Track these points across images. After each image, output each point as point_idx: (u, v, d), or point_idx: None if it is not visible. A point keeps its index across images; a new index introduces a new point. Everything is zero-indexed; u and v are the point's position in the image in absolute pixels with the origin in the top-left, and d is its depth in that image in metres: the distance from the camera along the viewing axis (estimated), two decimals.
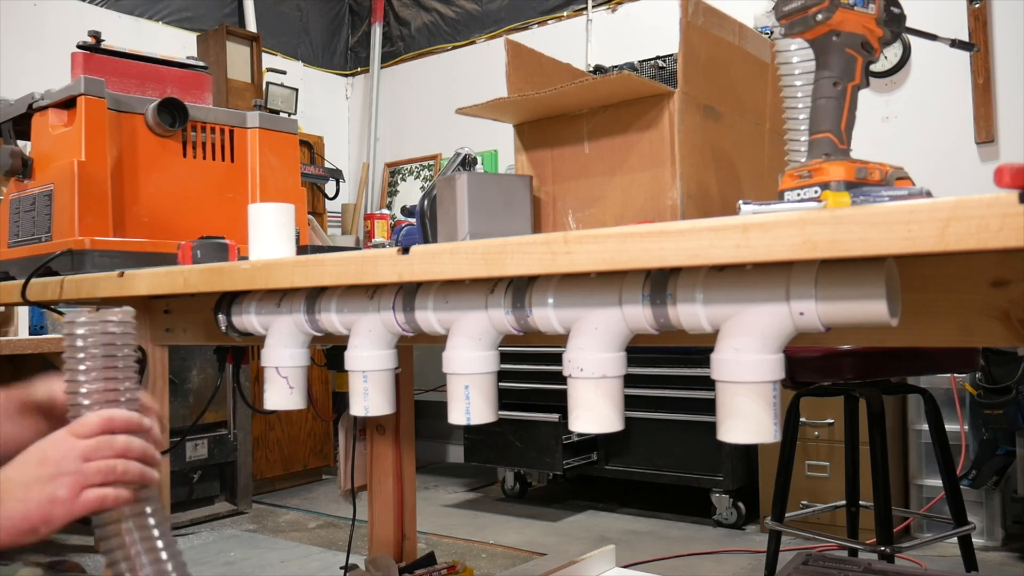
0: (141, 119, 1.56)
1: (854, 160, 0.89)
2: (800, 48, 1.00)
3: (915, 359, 1.94)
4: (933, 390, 2.49)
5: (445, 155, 4.92)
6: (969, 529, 1.98)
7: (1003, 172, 0.57)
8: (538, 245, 0.80)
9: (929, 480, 2.91)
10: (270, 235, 1.26)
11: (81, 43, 1.58)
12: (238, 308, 1.23)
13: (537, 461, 3.42)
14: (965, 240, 0.57)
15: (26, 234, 1.56)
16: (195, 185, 1.62)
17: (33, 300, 1.41)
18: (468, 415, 0.98)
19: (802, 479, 2.98)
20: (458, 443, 4.54)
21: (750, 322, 0.77)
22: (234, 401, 3.57)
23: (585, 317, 0.88)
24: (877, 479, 1.88)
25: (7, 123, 1.62)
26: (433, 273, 0.88)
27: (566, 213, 1.34)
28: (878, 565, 1.57)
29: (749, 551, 2.87)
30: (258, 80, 4.08)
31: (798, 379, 1.98)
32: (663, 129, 1.23)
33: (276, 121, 1.74)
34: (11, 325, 2.78)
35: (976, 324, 0.78)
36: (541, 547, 3.01)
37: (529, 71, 1.38)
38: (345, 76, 5.45)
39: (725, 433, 0.79)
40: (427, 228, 1.42)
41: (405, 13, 5.16)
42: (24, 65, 3.78)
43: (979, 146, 3.29)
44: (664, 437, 3.30)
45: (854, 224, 0.62)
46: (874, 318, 0.71)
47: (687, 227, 0.71)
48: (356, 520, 2.09)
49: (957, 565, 2.31)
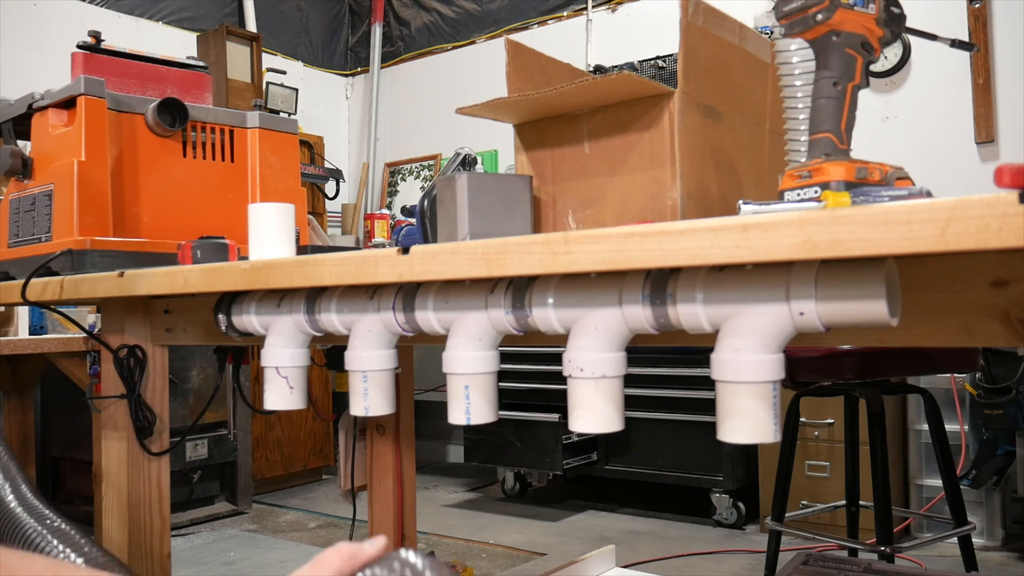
0: (141, 119, 1.56)
1: (854, 160, 0.89)
2: (800, 48, 1.00)
3: (915, 359, 1.94)
4: (933, 390, 2.49)
5: (445, 155, 4.92)
6: (969, 529, 1.98)
7: (1003, 172, 0.57)
8: (538, 245, 0.80)
9: (929, 480, 2.91)
10: (270, 235, 1.26)
11: (81, 43, 1.58)
12: (238, 308, 1.23)
13: (537, 461, 3.42)
14: (965, 240, 0.57)
15: (26, 234, 1.56)
16: (195, 185, 1.62)
17: (33, 300, 1.41)
18: (468, 415, 0.98)
19: (802, 479, 2.98)
20: (458, 443, 4.54)
21: (750, 322, 0.77)
22: (234, 401, 3.57)
23: (585, 317, 0.88)
24: (877, 479, 1.88)
25: (7, 123, 1.62)
26: (433, 273, 0.88)
27: (566, 213, 1.34)
28: (878, 565, 1.57)
29: (749, 551, 2.87)
30: (258, 80, 4.08)
31: (798, 379, 1.98)
32: (663, 129, 1.23)
33: (276, 121, 1.74)
34: (11, 325, 2.78)
35: (976, 324, 0.78)
36: (541, 547, 3.01)
37: (529, 71, 1.38)
38: (345, 76, 5.45)
39: (725, 433, 0.79)
40: (427, 228, 1.42)
41: (405, 13, 5.16)
42: (24, 65, 3.78)
43: (979, 146, 3.29)
44: (664, 437, 3.30)
45: (854, 224, 0.62)
46: (874, 318, 0.71)
47: (687, 227, 0.71)
48: (356, 520, 2.09)
49: (957, 565, 2.31)
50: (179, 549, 3.07)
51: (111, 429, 1.56)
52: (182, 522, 3.40)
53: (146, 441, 1.55)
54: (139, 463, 1.56)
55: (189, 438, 3.40)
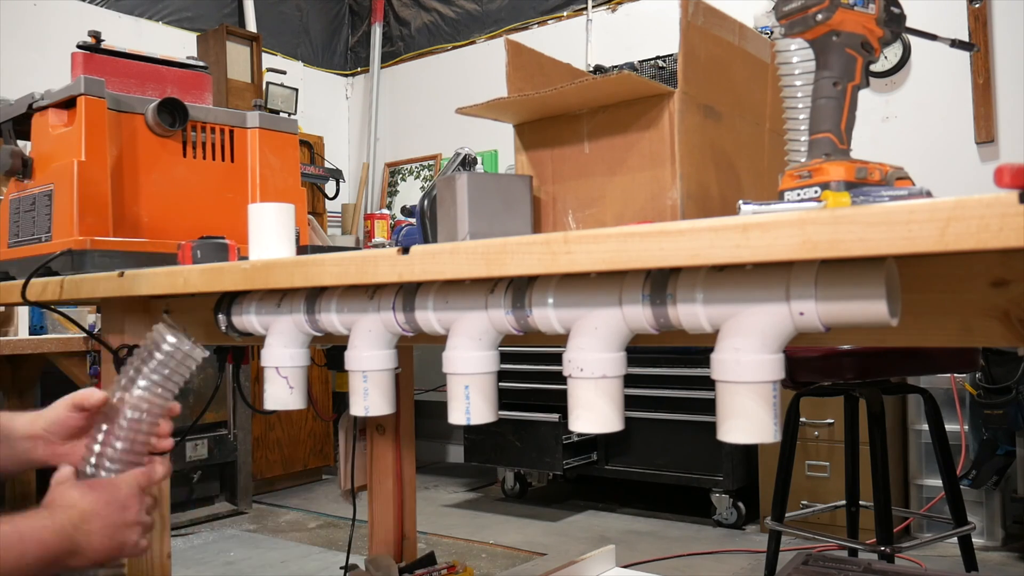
0: (141, 119, 1.56)
1: (854, 160, 0.89)
2: (800, 48, 1.00)
3: (915, 359, 1.94)
4: (933, 390, 2.49)
5: (445, 155, 4.92)
6: (969, 529, 1.98)
7: (1003, 172, 0.57)
8: (538, 245, 0.80)
9: (929, 480, 2.91)
10: (270, 235, 1.26)
11: (81, 43, 1.58)
12: (238, 308, 1.23)
13: (537, 461, 3.42)
14: (965, 240, 0.57)
15: (26, 234, 1.56)
16: (195, 185, 1.62)
17: (33, 300, 1.41)
18: (468, 415, 0.98)
19: (802, 479, 2.98)
20: (458, 443, 4.54)
21: (750, 322, 0.77)
22: (234, 401, 3.57)
23: (585, 317, 0.88)
24: (877, 479, 1.88)
25: (7, 123, 1.62)
26: (433, 273, 0.88)
27: (566, 213, 1.34)
28: (878, 565, 1.57)
29: (749, 551, 2.87)
30: (258, 80, 4.08)
31: (798, 379, 1.98)
32: (663, 129, 1.23)
33: (276, 121, 1.74)
34: (11, 325, 2.78)
35: (976, 324, 0.78)
36: (541, 547, 3.01)
37: (529, 71, 1.38)
38: (345, 76, 5.45)
39: (725, 433, 0.79)
40: (427, 228, 1.42)
41: (405, 13, 5.16)
42: (24, 65, 3.78)
43: (979, 146, 3.29)
44: (664, 437, 3.30)
45: (854, 224, 0.62)
46: (874, 318, 0.71)
47: (687, 227, 0.71)
48: (356, 520, 2.09)
49: (957, 565, 2.31)
50: (179, 549, 3.07)
51: None
52: (182, 522, 3.40)
53: None
54: None
55: (189, 438, 3.40)
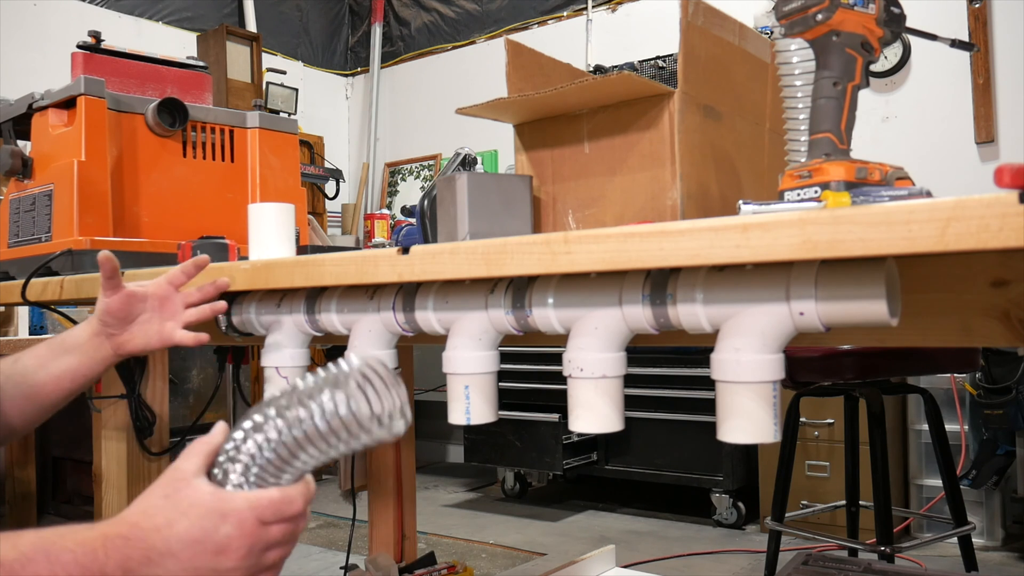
0: (141, 119, 1.56)
1: (854, 160, 0.89)
2: (800, 48, 1.00)
3: (915, 359, 1.94)
4: (933, 390, 2.49)
5: (445, 155, 4.92)
6: (969, 529, 1.98)
7: (1003, 172, 0.57)
8: (538, 245, 0.80)
9: (929, 480, 2.91)
10: (270, 235, 1.26)
11: (81, 43, 1.58)
12: (238, 308, 1.23)
13: (537, 461, 3.42)
14: (965, 240, 0.57)
15: (26, 234, 1.56)
16: (195, 185, 1.62)
17: (33, 300, 1.41)
18: (468, 415, 0.98)
19: (802, 479, 2.98)
20: (458, 443, 4.54)
21: (750, 322, 0.77)
22: (234, 401, 3.57)
23: (585, 317, 0.88)
24: (877, 479, 1.88)
25: (7, 123, 1.62)
26: (433, 273, 0.88)
27: (566, 213, 1.34)
28: (878, 565, 1.57)
29: (749, 551, 2.87)
30: (258, 80, 4.08)
31: (798, 379, 1.98)
32: (663, 129, 1.23)
33: (276, 121, 1.74)
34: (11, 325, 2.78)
35: (976, 324, 0.78)
36: (541, 547, 3.00)
37: (529, 71, 1.38)
38: (345, 76, 5.45)
39: (725, 433, 0.79)
40: (427, 228, 1.42)
41: (405, 13, 5.16)
42: (24, 65, 3.78)
43: (979, 146, 3.29)
44: (664, 437, 3.30)
45: (854, 224, 0.62)
46: (874, 318, 0.71)
47: (687, 227, 0.71)
48: (356, 520, 2.09)
49: (957, 565, 2.31)
50: None
51: (111, 429, 1.56)
52: None
53: (146, 441, 1.55)
54: (139, 463, 1.56)
55: (189, 438, 3.39)
